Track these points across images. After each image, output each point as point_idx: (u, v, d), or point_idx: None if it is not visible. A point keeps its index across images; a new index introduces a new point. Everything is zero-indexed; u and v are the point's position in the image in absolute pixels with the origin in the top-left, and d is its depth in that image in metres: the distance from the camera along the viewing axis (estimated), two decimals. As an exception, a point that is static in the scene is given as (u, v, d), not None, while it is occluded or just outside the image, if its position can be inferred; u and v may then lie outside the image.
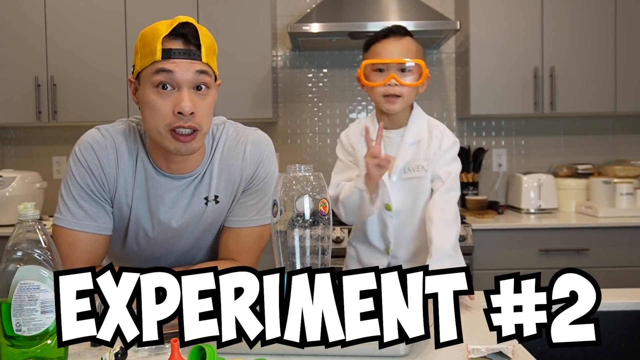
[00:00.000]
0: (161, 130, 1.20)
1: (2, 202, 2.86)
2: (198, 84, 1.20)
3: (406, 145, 1.54)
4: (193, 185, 1.33)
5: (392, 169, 1.51)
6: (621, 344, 1.29)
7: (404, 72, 1.48)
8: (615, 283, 2.74)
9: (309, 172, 1.04)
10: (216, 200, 1.35)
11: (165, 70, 1.17)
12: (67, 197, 1.28)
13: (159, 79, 1.17)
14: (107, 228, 1.31)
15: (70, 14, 3.03)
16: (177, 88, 1.18)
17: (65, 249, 1.26)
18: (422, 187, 1.54)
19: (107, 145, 1.28)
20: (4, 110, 3.05)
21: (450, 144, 1.55)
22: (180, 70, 1.17)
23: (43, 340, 0.91)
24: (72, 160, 1.29)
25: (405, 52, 1.48)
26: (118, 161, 1.29)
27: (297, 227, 1.02)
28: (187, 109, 1.17)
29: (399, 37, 1.51)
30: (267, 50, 3.04)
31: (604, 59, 3.06)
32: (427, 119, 1.59)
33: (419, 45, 1.53)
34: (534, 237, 2.82)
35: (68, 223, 1.27)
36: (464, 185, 3.34)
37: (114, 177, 1.29)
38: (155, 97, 1.19)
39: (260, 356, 0.95)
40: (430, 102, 3.45)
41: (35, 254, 0.91)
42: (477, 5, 3.06)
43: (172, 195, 1.32)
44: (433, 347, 1.00)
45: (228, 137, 1.36)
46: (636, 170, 3.20)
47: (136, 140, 1.32)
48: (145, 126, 1.25)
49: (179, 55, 1.17)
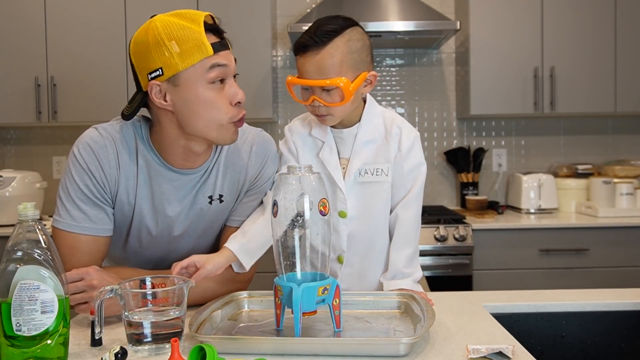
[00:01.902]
0: (224, 124, 1.22)
1: (2, 202, 2.86)
2: (236, 72, 1.25)
3: (360, 144, 1.38)
4: (199, 182, 1.33)
5: (347, 171, 1.38)
6: (621, 344, 1.29)
7: (327, 90, 1.27)
8: (615, 283, 2.74)
9: (308, 172, 1.04)
10: (220, 199, 1.35)
11: (220, 65, 1.19)
12: (66, 199, 1.25)
13: (216, 74, 1.19)
14: (107, 229, 1.29)
15: (70, 14, 3.03)
16: (224, 80, 1.22)
17: (66, 251, 1.24)
18: (381, 193, 1.38)
19: (106, 145, 1.26)
20: (4, 110, 3.05)
21: (412, 141, 1.39)
22: (229, 62, 1.21)
23: (43, 340, 0.91)
24: (71, 161, 1.26)
25: (324, 70, 1.25)
26: (119, 160, 1.27)
27: (297, 227, 1.02)
28: (244, 97, 1.22)
29: (317, 50, 1.25)
30: (267, 50, 3.04)
31: (604, 59, 3.06)
32: (382, 113, 1.42)
33: (348, 49, 1.27)
34: (534, 237, 2.82)
35: (68, 226, 1.25)
36: (464, 185, 3.35)
37: (115, 178, 1.27)
38: (214, 94, 1.20)
39: (260, 356, 0.95)
40: (430, 102, 3.45)
41: (35, 254, 0.91)
42: (477, 5, 3.06)
43: (177, 192, 1.32)
44: (433, 347, 1.00)
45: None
46: (636, 170, 3.20)
47: (135, 137, 1.30)
48: (197, 123, 1.21)
49: (221, 47, 1.20)
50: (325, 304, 1.06)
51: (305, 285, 1.01)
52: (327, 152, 1.39)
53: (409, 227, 1.39)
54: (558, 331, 1.29)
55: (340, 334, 1.07)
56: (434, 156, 3.47)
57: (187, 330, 1.03)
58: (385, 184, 1.38)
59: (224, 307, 1.19)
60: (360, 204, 1.39)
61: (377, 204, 1.39)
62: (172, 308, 1.02)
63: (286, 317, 1.10)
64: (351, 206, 1.38)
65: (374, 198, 1.39)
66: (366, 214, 1.39)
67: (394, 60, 3.45)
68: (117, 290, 1.01)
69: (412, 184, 1.39)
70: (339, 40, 1.26)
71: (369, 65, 1.33)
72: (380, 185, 1.38)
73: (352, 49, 1.28)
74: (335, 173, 1.38)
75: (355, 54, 1.28)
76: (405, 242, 1.38)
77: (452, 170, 3.47)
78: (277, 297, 1.08)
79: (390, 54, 3.45)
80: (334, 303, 1.06)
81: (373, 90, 3.41)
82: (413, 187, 1.39)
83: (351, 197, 1.38)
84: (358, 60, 1.29)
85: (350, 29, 1.29)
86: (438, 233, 2.76)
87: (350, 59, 1.27)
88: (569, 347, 1.29)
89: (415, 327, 1.09)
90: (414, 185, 1.39)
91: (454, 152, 3.38)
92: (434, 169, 3.47)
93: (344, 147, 1.40)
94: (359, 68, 1.30)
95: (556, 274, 2.81)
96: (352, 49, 1.27)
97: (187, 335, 1.05)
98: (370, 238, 1.41)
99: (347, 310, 1.18)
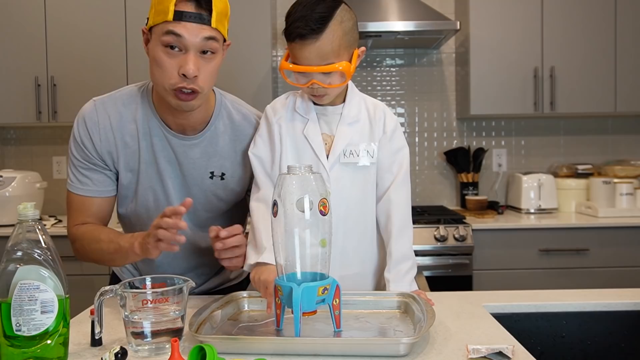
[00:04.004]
0: (166, 87, 1.26)
1: (2, 202, 2.86)
2: (205, 49, 1.25)
3: (345, 124, 1.37)
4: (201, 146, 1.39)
5: (331, 151, 1.36)
6: (621, 344, 1.29)
7: (327, 73, 1.29)
8: (615, 283, 2.74)
9: (308, 172, 1.04)
10: (222, 177, 1.42)
11: (174, 33, 1.21)
12: (71, 165, 1.41)
13: (168, 40, 1.22)
14: (109, 190, 1.42)
15: (70, 14, 3.03)
16: (185, 50, 1.23)
17: (76, 209, 1.41)
18: (366, 175, 1.38)
19: (99, 120, 1.37)
20: (4, 110, 3.05)
21: (394, 124, 1.41)
22: (189, 34, 1.22)
23: (43, 340, 0.91)
24: (72, 133, 1.40)
25: (324, 56, 1.26)
26: (114, 132, 1.37)
27: (297, 227, 1.02)
28: (190, 73, 1.23)
29: (315, 37, 1.25)
30: (267, 50, 3.04)
31: (604, 59, 3.06)
32: (363, 97, 1.44)
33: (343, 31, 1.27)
34: (534, 237, 2.82)
35: (75, 188, 1.40)
36: (464, 185, 3.35)
37: (113, 147, 1.38)
38: (163, 56, 1.24)
39: (260, 356, 0.95)
40: (430, 102, 3.45)
41: (35, 254, 0.91)
42: (477, 5, 3.06)
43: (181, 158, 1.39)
44: (433, 347, 1.00)
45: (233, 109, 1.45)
46: (636, 170, 3.20)
47: (143, 102, 1.39)
48: (152, 79, 1.31)
49: (189, 18, 1.22)
50: (325, 304, 1.06)
51: (305, 285, 1.01)
52: (312, 128, 1.37)
53: (405, 209, 1.39)
54: (558, 331, 1.29)
55: (340, 334, 1.07)
56: (434, 156, 3.47)
57: (187, 330, 1.03)
58: (371, 166, 1.38)
59: (224, 307, 1.20)
60: (345, 186, 1.36)
61: (361, 185, 1.38)
62: (172, 308, 1.02)
63: (286, 317, 1.10)
64: (335, 186, 1.35)
65: (357, 179, 1.37)
66: (350, 194, 1.37)
67: (394, 61, 3.45)
68: (117, 290, 1.01)
69: (398, 167, 1.40)
70: (334, 23, 1.26)
71: (357, 40, 1.35)
72: (364, 167, 1.37)
73: (346, 30, 1.28)
74: (319, 150, 1.36)
75: (348, 34, 1.29)
76: (405, 224, 1.38)
77: (452, 170, 3.47)
78: (277, 297, 1.07)
79: (390, 54, 3.45)
80: (334, 303, 1.06)
81: (373, 90, 3.42)
82: (400, 170, 1.40)
83: (334, 176, 1.36)
84: (352, 40, 1.31)
85: (339, 10, 1.29)
86: (438, 233, 2.76)
87: (346, 41, 1.29)
88: (569, 347, 1.29)
89: (415, 327, 1.09)
90: (400, 168, 1.40)
91: (454, 152, 3.38)
92: (434, 169, 3.47)
93: (327, 125, 1.39)
94: (353, 46, 1.32)
95: (556, 274, 2.81)
96: (345, 30, 1.28)
97: (187, 335, 1.05)
98: (353, 220, 1.38)
99: (347, 310, 1.18)
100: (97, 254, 1.37)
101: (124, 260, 1.35)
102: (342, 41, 1.27)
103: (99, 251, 1.36)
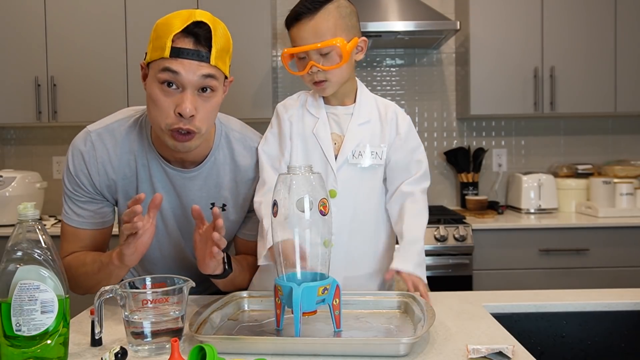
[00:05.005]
0: (162, 126, 1.22)
1: (2, 202, 2.86)
2: (203, 86, 1.21)
3: (355, 125, 1.38)
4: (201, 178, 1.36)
5: (340, 151, 1.36)
6: (621, 344, 1.29)
7: (324, 55, 1.31)
8: (615, 283, 2.74)
9: (308, 172, 1.04)
10: (223, 208, 1.38)
11: (171, 70, 1.17)
12: (65, 197, 1.37)
13: (165, 77, 1.18)
14: (106, 222, 1.39)
15: (70, 13, 3.03)
16: (182, 88, 1.19)
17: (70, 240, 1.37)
18: (375, 175, 1.38)
19: (96, 155, 1.33)
20: (4, 110, 3.05)
21: (408, 124, 1.41)
22: (186, 71, 1.17)
23: (43, 340, 0.91)
24: (65, 164, 1.36)
25: (320, 33, 1.29)
26: (112, 165, 1.33)
27: (297, 227, 1.02)
28: (187, 112, 1.18)
29: (310, 16, 1.30)
30: (267, 50, 3.04)
31: (604, 59, 3.06)
32: (374, 97, 1.45)
33: (339, 14, 1.31)
34: (534, 237, 2.82)
35: (69, 220, 1.36)
36: (464, 185, 3.35)
37: (112, 181, 1.34)
38: (159, 93, 1.20)
39: (260, 356, 0.95)
40: (430, 102, 3.45)
41: (35, 254, 0.91)
42: (477, 5, 3.06)
43: (180, 190, 1.35)
44: (433, 347, 1.00)
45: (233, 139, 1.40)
46: (636, 170, 3.20)
47: (140, 135, 1.34)
48: (149, 116, 1.27)
49: (187, 55, 1.17)
50: (325, 304, 1.06)
51: (305, 285, 1.01)
52: (321, 128, 1.38)
53: (422, 199, 1.39)
54: (558, 331, 1.29)
55: (340, 334, 1.07)
56: (434, 156, 3.46)
57: (187, 330, 1.03)
58: (379, 167, 1.38)
59: (224, 307, 1.20)
60: (352, 184, 1.36)
61: (368, 186, 1.38)
62: (172, 308, 1.02)
63: (286, 317, 1.10)
64: (342, 187, 1.35)
65: (365, 180, 1.37)
66: (357, 195, 1.37)
67: (394, 61, 3.45)
68: (117, 290, 1.01)
69: (417, 165, 1.40)
70: (331, 5, 1.31)
71: (359, 31, 1.37)
72: (372, 168, 1.37)
73: (343, 14, 1.32)
74: (327, 150, 1.36)
75: (346, 18, 1.32)
76: (421, 212, 1.37)
77: (452, 170, 3.47)
78: (277, 297, 1.07)
79: (390, 54, 3.45)
80: (334, 303, 1.06)
81: (373, 90, 3.42)
82: (420, 168, 1.40)
83: (342, 177, 1.36)
84: (350, 25, 1.33)
85: None
86: (438, 233, 2.76)
87: (343, 23, 1.31)
88: (569, 347, 1.29)
89: (415, 327, 1.09)
90: (420, 166, 1.40)
91: (454, 152, 3.38)
92: (434, 169, 3.46)
93: (337, 125, 1.39)
94: (351, 32, 1.33)
95: (556, 274, 2.81)
96: (342, 14, 1.32)
97: (187, 335, 1.05)
98: (359, 221, 1.38)
99: (347, 310, 1.18)
100: (84, 278, 1.31)
101: (108, 278, 1.27)
102: (338, 22, 1.30)
103: (84, 275, 1.31)
